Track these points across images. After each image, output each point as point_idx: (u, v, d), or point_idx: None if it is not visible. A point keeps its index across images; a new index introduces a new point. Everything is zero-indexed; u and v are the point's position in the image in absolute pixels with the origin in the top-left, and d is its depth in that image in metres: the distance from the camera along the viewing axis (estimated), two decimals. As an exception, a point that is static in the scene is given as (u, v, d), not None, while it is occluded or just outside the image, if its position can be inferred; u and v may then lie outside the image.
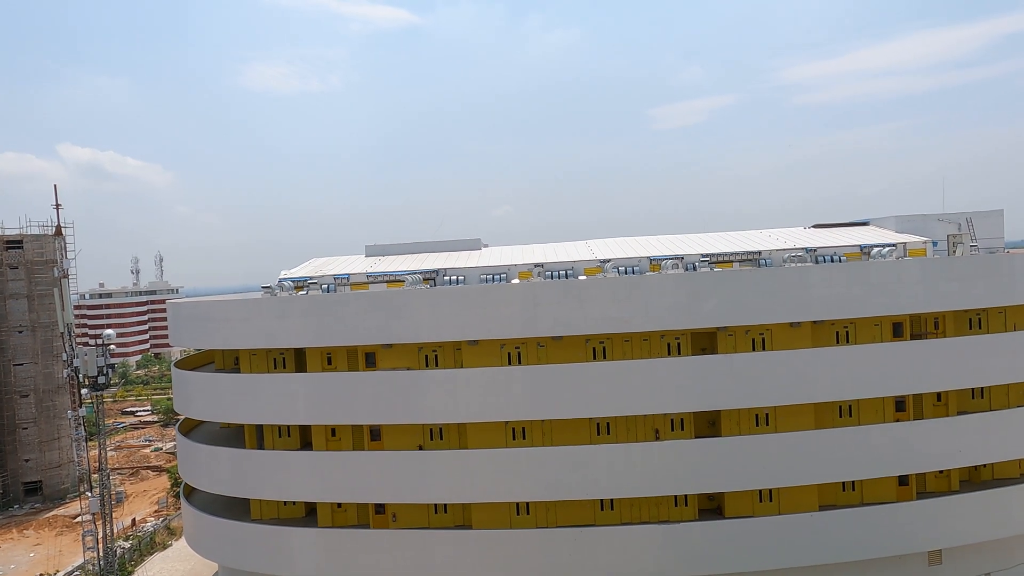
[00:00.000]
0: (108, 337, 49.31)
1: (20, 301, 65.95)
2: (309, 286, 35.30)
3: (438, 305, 30.04)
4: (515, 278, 35.21)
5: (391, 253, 41.69)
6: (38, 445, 65.98)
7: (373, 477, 30.72)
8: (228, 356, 36.29)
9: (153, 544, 50.36)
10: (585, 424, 30.46)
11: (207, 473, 34.52)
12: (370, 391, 30.39)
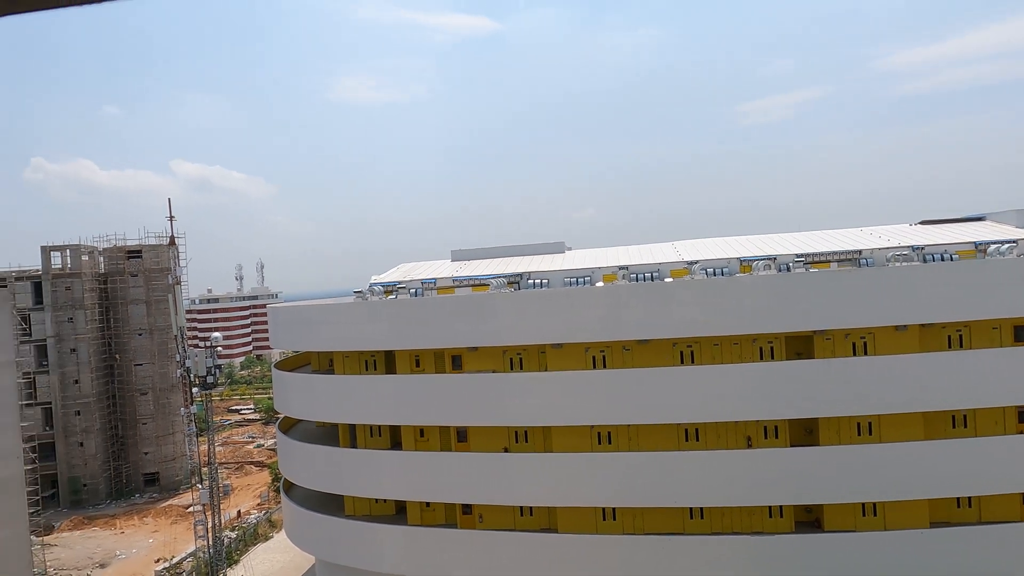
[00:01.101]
0: (216, 340, 52.70)
1: (139, 306, 71.55)
2: (398, 290, 36.37)
3: (522, 308, 30.21)
4: (599, 281, 34.89)
5: (476, 257, 42.31)
6: (155, 439, 71.28)
7: (459, 478, 31.23)
8: (323, 358, 37.93)
9: (256, 535, 53.28)
10: (673, 430, 29.75)
11: (304, 469, 36.18)
12: (456, 393, 30.93)
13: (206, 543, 47.10)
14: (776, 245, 36.57)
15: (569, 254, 42.19)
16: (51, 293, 66.63)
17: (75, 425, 66.94)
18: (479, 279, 35.90)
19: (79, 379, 67.26)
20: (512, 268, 37.98)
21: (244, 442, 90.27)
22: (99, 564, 51.06)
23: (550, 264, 38.32)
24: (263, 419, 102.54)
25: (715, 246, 38.29)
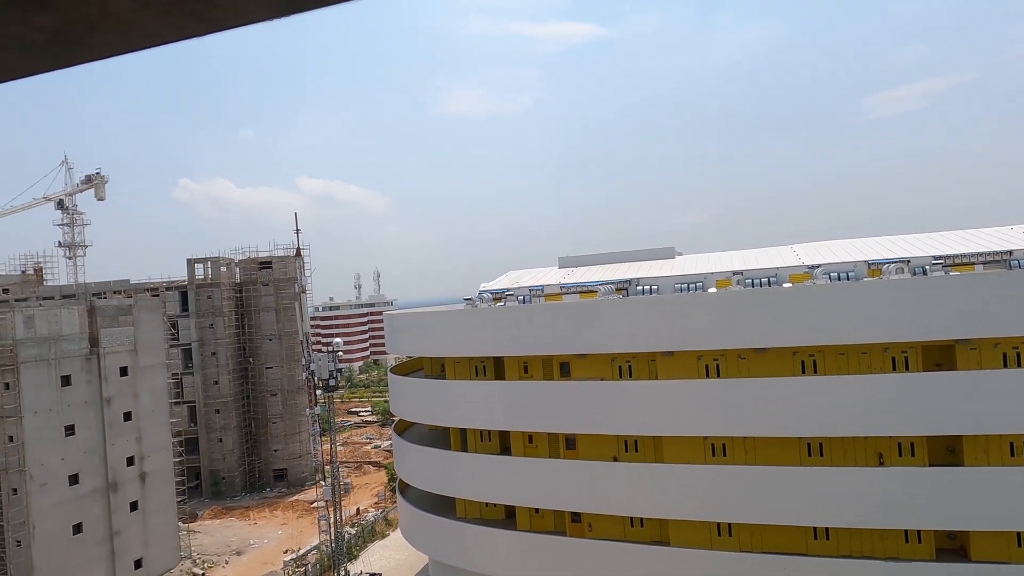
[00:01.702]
0: (337, 345, 55.68)
1: (270, 313, 77.05)
2: (506, 298, 36.89)
3: (631, 315, 29.72)
4: (712, 287, 33.70)
5: (583, 264, 42.15)
6: (284, 438, 76.32)
7: (567, 485, 31.11)
8: (435, 363, 39.12)
9: (374, 532, 55.66)
10: (793, 443, 28.12)
11: (417, 471, 37.41)
12: (563, 400, 30.88)
13: (328, 537, 49.74)
14: (909, 247, 33.78)
15: (679, 259, 41.07)
16: (195, 301, 73.22)
17: (215, 422, 72.99)
18: (587, 286, 35.72)
19: (218, 380, 73.33)
20: (620, 274, 37.48)
21: (362, 443, 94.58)
22: (235, 552, 55.26)
23: (659, 270, 37.48)
24: (380, 421, 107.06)
25: (839, 249, 35.93)
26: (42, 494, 44.02)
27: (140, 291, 71.77)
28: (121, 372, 50.93)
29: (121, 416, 50.47)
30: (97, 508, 47.66)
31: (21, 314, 45.34)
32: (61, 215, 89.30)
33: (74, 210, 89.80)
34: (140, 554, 50.44)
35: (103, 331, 49.97)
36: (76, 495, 46.28)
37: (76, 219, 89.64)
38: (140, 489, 51.18)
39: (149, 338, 53.99)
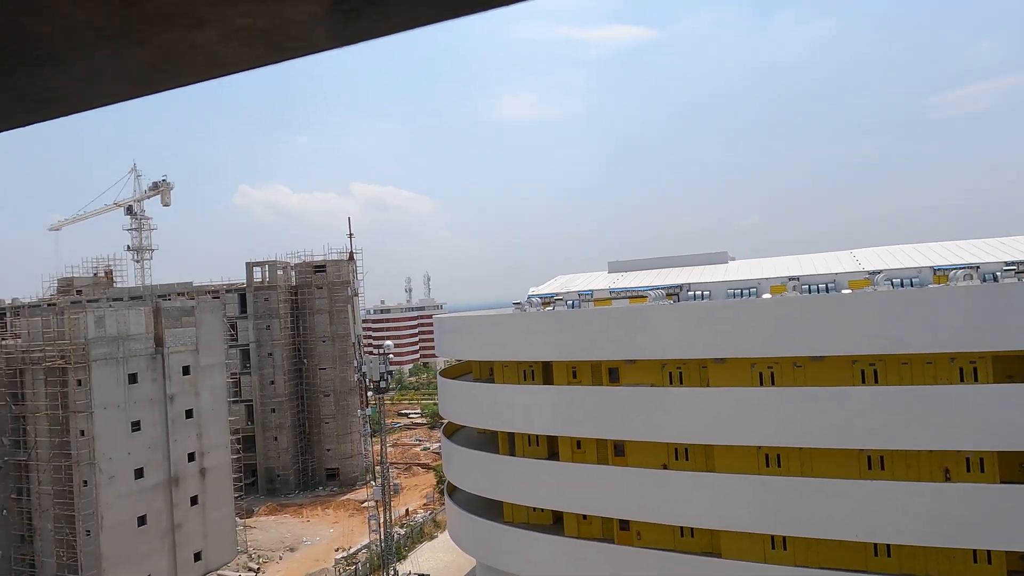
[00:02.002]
0: (388, 347, 56.64)
1: (323, 316, 78.91)
2: (555, 302, 36.83)
3: (682, 321, 29.26)
4: (766, 292, 32.87)
5: (633, 269, 41.74)
6: (336, 438, 77.95)
7: (617, 492, 30.78)
8: (484, 367, 39.34)
9: (422, 534, 56.25)
10: (853, 456, 27.13)
11: (465, 474, 37.64)
12: (612, 406, 30.60)
13: (378, 537, 50.52)
14: (978, 252, 32.23)
15: (732, 264, 40.23)
16: (253, 304, 75.61)
17: (271, 421, 75.12)
18: (636, 291, 35.35)
19: (274, 380, 75.48)
20: (671, 279, 36.96)
21: (412, 444, 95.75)
22: (289, 548, 56.69)
23: (711, 275, 36.79)
24: (429, 423, 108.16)
25: (902, 254, 34.56)
26: (110, 486, 46.14)
27: (202, 293, 74.57)
28: (183, 371, 53.00)
29: (183, 413, 52.51)
30: (160, 501, 49.66)
31: (93, 314, 47.71)
32: (130, 220, 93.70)
33: (142, 215, 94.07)
34: (199, 547, 52.29)
35: (167, 331, 52.11)
36: (141, 488, 48.34)
37: (144, 224, 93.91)
38: (200, 484, 53.09)
39: (210, 338, 56.03)
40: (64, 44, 0.44)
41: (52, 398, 47.12)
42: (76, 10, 0.38)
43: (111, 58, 0.47)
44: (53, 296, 76.40)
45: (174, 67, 0.50)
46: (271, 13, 0.41)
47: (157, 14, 0.39)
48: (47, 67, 0.48)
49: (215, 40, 0.44)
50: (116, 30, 0.42)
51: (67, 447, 46.33)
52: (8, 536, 48.81)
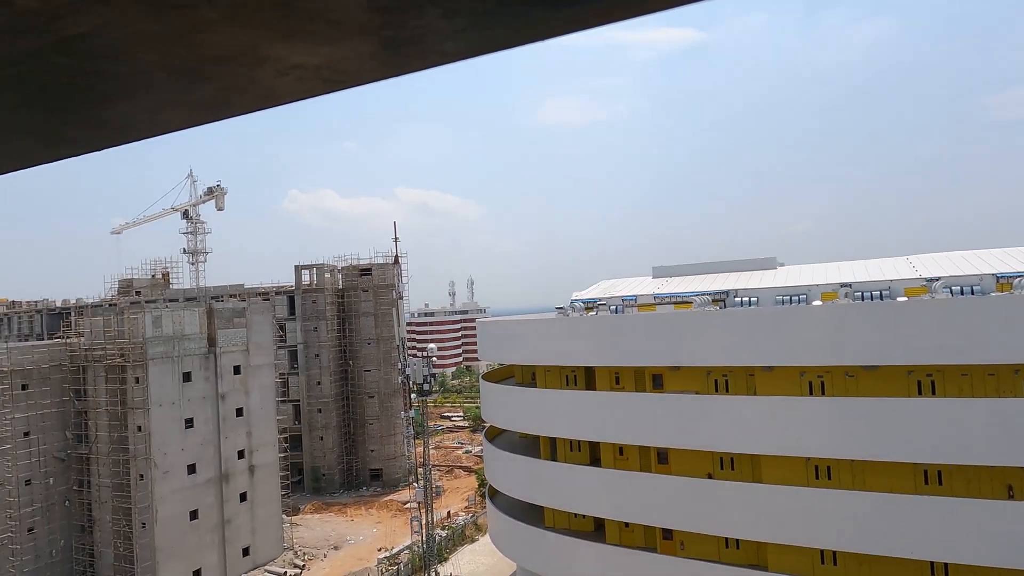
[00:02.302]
0: (431, 351, 57.19)
1: (368, 318, 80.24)
2: (598, 307, 36.61)
3: (729, 328, 28.71)
4: (817, 299, 32.01)
5: (678, 274, 41.19)
6: (379, 439, 79.07)
7: (659, 501, 30.37)
8: (526, 371, 39.36)
9: (463, 536, 56.52)
10: (908, 470, 26.14)
11: (507, 478, 37.69)
12: (656, 413, 30.22)
13: (420, 538, 50.99)
14: (1047, 259, 30.72)
15: (781, 270, 39.30)
16: (301, 306, 77.39)
17: (317, 421, 76.67)
18: (681, 296, 34.87)
19: (321, 381, 77.03)
20: (717, 285, 36.33)
21: (454, 447, 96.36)
22: (333, 546, 57.70)
23: (759, 281, 36.02)
24: (471, 426, 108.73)
25: (962, 260, 33.20)
26: (164, 481, 47.81)
27: (253, 295, 76.70)
28: (234, 370, 54.59)
29: (234, 412, 54.06)
30: (211, 497, 51.19)
31: (150, 315, 49.59)
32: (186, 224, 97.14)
33: (197, 219, 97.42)
34: (248, 542, 53.70)
35: (220, 332, 53.77)
36: (193, 483, 49.93)
37: (199, 228, 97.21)
38: (249, 481, 54.54)
39: (260, 339, 57.57)
40: (138, 82, 0.51)
41: (112, 394, 49.14)
42: (150, 53, 0.43)
43: (178, 92, 0.53)
44: (114, 297, 79.73)
45: (233, 99, 0.56)
46: (322, 52, 0.45)
47: (221, 55, 0.44)
48: (123, 100, 0.55)
49: (271, 76, 0.49)
50: (184, 69, 0.47)
51: (125, 442, 48.21)
52: (70, 526, 51.04)
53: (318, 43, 0.45)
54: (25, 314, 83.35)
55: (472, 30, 0.41)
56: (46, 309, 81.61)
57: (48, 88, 0.53)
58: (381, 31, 0.42)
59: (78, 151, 0.67)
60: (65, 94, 0.54)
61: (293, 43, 0.43)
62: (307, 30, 0.41)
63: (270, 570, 52.96)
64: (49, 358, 50.80)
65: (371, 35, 0.42)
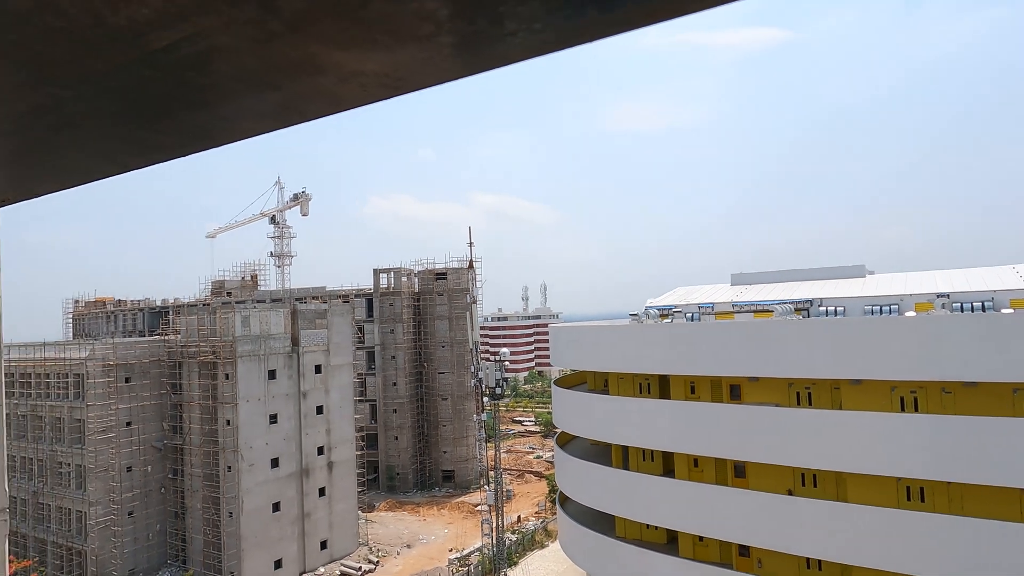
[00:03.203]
0: (504, 355, 57.59)
1: (443, 322, 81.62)
2: (673, 314, 35.88)
3: (812, 338, 27.48)
4: (910, 310, 30.20)
5: (758, 281, 39.82)
6: (452, 441, 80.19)
7: (735, 515, 29.37)
8: (599, 378, 39.00)
9: (533, 542, 56.47)
10: (1014, 495, 24.20)
11: (577, 485, 37.42)
12: (733, 424, 29.27)
13: (490, 541, 51.32)
14: None
15: (871, 279, 37.33)
16: (379, 308, 79.61)
17: (392, 421, 78.57)
18: (762, 304, 33.68)
19: (396, 382, 78.94)
20: (800, 293, 34.88)
21: (525, 452, 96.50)
22: (406, 544, 58.89)
23: (846, 290, 34.33)
24: (542, 432, 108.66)
25: (1079, 270, 30.54)
26: (249, 473, 50.19)
27: (333, 297, 79.54)
28: (316, 369, 56.74)
29: (314, 409, 56.18)
30: (292, 490, 53.35)
31: (240, 315, 52.28)
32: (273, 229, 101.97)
33: (283, 224, 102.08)
34: (326, 536, 55.59)
35: (302, 332, 56.05)
36: (276, 477, 52.18)
37: (285, 232, 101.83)
38: (328, 477, 56.49)
39: (340, 340, 59.63)
40: (216, 92, 0.55)
41: (204, 389, 52.07)
42: (225, 65, 0.47)
43: (252, 101, 0.57)
44: (208, 297, 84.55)
45: (301, 106, 0.60)
46: (381, 59, 0.48)
47: (287, 65, 0.47)
48: (204, 110, 0.60)
49: (333, 83, 0.52)
50: (257, 79, 0.51)
51: (215, 435, 50.95)
52: (165, 512, 54.38)
53: (375, 50, 0.47)
54: (129, 312, 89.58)
55: (548, 24, 0.42)
56: (148, 308, 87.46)
57: (138, 99, 0.57)
58: (438, 36, 0.43)
59: (166, 157, 0.75)
60: (153, 104, 0.59)
61: (352, 51, 0.46)
62: (366, 39, 0.44)
63: (346, 564, 54.60)
64: (149, 353, 54.40)
65: (432, 39, 0.44)
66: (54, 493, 52.75)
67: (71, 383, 51.87)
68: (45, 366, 53.67)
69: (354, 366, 63.61)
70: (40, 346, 55.47)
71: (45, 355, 54.17)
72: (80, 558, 50.69)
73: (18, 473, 55.78)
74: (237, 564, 48.72)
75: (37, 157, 0.81)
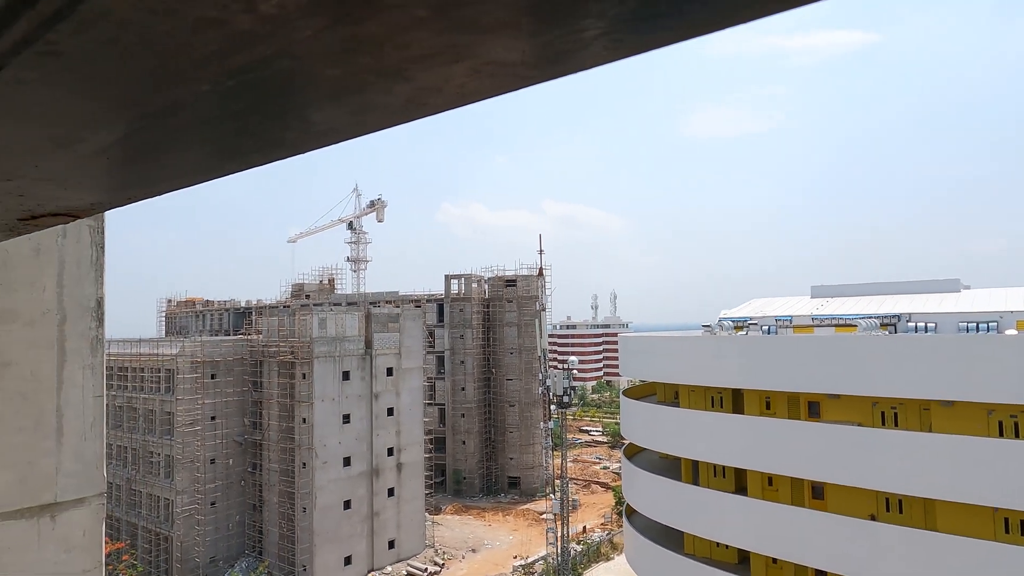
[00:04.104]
0: (572, 363, 57.36)
1: (512, 329, 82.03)
2: (749, 327, 34.77)
3: (900, 355, 26.01)
4: (1011, 328, 28.13)
5: (841, 294, 38.07)
6: (519, 447, 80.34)
7: (812, 539, 28.06)
8: (669, 389, 38.20)
9: (599, 553, 55.77)
10: None
11: (645, 498, 36.71)
12: (812, 444, 28.01)
13: (555, 551, 51.03)
14: None
15: (966, 294, 35.03)
16: (449, 313, 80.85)
17: (460, 425, 79.47)
18: (844, 318, 32.17)
19: (465, 387, 79.83)
20: (887, 308, 33.12)
21: (592, 462, 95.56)
22: (471, 549, 59.34)
23: (938, 305, 32.35)
24: (609, 442, 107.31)
25: None
26: (323, 471, 51.86)
27: (406, 302, 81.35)
28: (387, 372, 58.14)
29: (385, 410, 57.55)
30: (362, 489, 54.75)
31: (317, 317, 54.23)
32: (350, 234, 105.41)
33: (360, 230, 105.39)
34: (393, 535, 56.73)
35: (376, 335, 57.58)
36: (348, 475, 53.70)
37: (361, 238, 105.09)
38: (397, 477, 57.67)
39: (411, 344, 60.88)
40: (349, 85, 0.54)
41: (282, 388, 54.25)
42: (364, 56, 0.46)
43: (380, 95, 0.56)
44: (287, 299, 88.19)
45: (429, 99, 0.59)
46: (520, 47, 0.46)
47: (423, 54, 0.46)
48: (331, 104, 0.59)
49: (466, 73, 0.51)
50: (390, 71, 0.50)
51: (291, 432, 52.97)
52: (244, 503, 56.90)
53: (518, 37, 0.45)
54: (216, 312, 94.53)
55: None
56: (232, 308, 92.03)
57: (267, 95, 0.56)
58: (586, 19, 0.43)
59: (289, 153, 0.78)
60: (281, 100, 0.58)
61: (494, 38, 0.44)
62: (511, 23, 0.42)
63: (412, 565, 55.52)
64: (233, 352, 57.18)
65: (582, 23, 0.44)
66: (145, 481, 56.14)
67: (163, 378, 55.15)
68: (140, 361, 57.29)
69: (424, 370, 64.80)
70: (136, 342, 59.29)
71: (140, 351, 57.83)
72: (166, 543, 53.68)
73: (114, 460, 59.68)
74: (309, 558, 50.38)
75: (147, 161, 0.82)
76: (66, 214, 0.99)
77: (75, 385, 2.70)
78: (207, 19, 0.49)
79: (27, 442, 2.56)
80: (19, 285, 2.58)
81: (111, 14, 0.47)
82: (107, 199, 0.95)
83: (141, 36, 0.50)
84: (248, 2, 0.48)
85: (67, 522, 2.64)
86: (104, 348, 2.85)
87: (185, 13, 0.48)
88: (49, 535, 2.59)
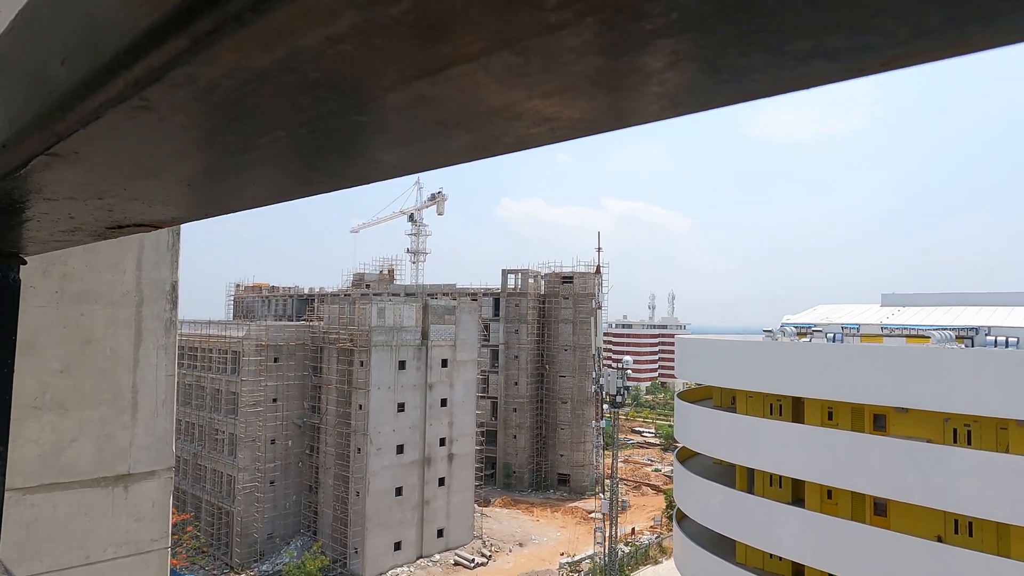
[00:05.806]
0: (626, 363, 56.75)
1: (567, 325, 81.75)
2: (812, 334, 33.61)
3: (977, 369, 24.64)
4: (1104, 347, 26.24)
5: (913, 304, 36.34)
6: (569, 445, 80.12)
7: (874, 558, 26.94)
8: (726, 394, 37.33)
9: (647, 556, 55.12)
10: None
11: (697, 504, 36.03)
12: (877, 458, 26.87)
13: (603, 550, 50.71)
14: None
15: (1054, 308, 32.83)
16: (505, 308, 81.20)
17: (512, 420, 79.83)
18: (916, 329, 30.70)
19: (518, 382, 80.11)
20: (964, 320, 31.42)
21: (643, 463, 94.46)
22: (518, 543, 59.61)
23: (1020, 318, 30.47)
24: (662, 445, 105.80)
25: None
26: (376, 457, 53.03)
27: (462, 295, 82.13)
28: (442, 363, 58.91)
29: (439, 401, 58.35)
30: (414, 477, 55.73)
31: (376, 306, 55.42)
32: (411, 226, 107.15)
33: (420, 223, 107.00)
34: (443, 525, 57.55)
35: (432, 326, 58.39)
36: (400, 463, 54.75)
37: (421, 230, 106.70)
38: (448, 468, 58.44)
39: (466, 336, 61.49)
40: (415, 134, 0.58)
41: (341, 374, 55.71)
42: (428, 111, 0.49)
43: (444, 140, 0.60)
44: (349, 288, 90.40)
45: (488, 145, 0.63)
46: (579, 107, 0.49)
47: (488, 111, 0.48)
48: (399, 148, 0.64)
49: (526, 127, 0.54)
50: (454, 123, 0.53)
51: (348, 417, 54.35)
52: (301, 484, 58.80)
53: (579, 100, 0.48)
54: (280, 298, 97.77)
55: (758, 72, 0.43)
56: (296, 295, 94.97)
57: (341, 139, 0.61)
58: (645, 86, 0.44)
59: (356, 184, 0.85)
60: (353, 143, 0.64)
61: (551, 99, 0.47)
62: (572, 88, 0.44)
63: (460, 555, 56.20)
64: (296, 337, 59.07)
65: (639, 88, 0.45)
66: (210, 457, 58.71)
67: (229, 359, 57.48)
68: (209, 342, 59.87)
69: (478, 363, 65.33)
70: (206, 324, 61.98)
71: (209, 332, 60.43)
72: (228, 518, 56.03)
73: (182, 436, 62.64)
74: (361, 541, 51.67)
75: (223, 186, 0.91)
76: (149, 224, 1.09)
77: (150, 364, 2.84)
78: (286, 83, 0.53)
79: (106, 415, 2.72)
80: (103, 267, 2.73)
81: (199, 78, 0.51)
82: (186, 214, 1.05)
83: (224, 97, 0.55)
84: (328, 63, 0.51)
85: (139, 493, 2.79)
86: (176, 329, 2.99)
87: (267, 80, 0.52)
88: (122, 504, 2.74)
